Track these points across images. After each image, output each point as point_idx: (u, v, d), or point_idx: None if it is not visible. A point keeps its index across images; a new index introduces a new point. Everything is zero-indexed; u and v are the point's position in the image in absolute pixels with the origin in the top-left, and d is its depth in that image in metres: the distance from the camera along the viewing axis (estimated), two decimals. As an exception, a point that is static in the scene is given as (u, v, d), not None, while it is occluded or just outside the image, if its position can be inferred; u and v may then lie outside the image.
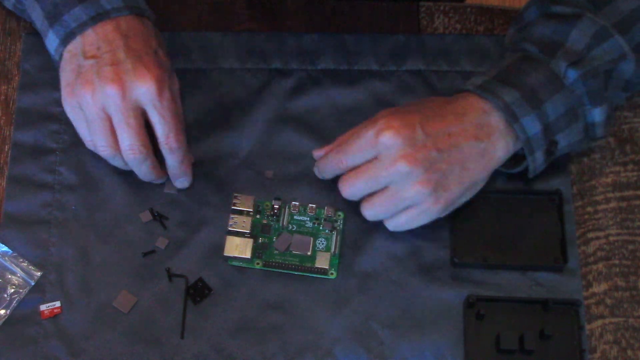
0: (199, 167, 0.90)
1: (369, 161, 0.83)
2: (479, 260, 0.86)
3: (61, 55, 0.85)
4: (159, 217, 0.88)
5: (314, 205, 0.88)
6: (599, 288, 0.87)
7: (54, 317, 0.85)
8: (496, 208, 0.88)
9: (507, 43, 0.92)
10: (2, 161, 0.91)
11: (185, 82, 0.93)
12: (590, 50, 0.84)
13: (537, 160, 0.86)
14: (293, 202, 0.89)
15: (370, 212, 0.84)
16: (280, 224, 0.88)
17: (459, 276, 0.86)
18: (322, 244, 0.87)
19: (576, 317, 0.85)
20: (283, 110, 0.93)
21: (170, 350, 0.84)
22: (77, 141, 0.90)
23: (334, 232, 0.88)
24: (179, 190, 0.89)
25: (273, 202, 0.88)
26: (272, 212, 0.88)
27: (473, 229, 0.88)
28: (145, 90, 0.82)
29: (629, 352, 0.85)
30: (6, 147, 0.91)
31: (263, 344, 0.85)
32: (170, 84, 0.84)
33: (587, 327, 0.86)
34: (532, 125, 0.83)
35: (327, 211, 0.88)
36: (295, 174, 0.90)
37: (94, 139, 0.84)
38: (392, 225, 0.85)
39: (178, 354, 0.84)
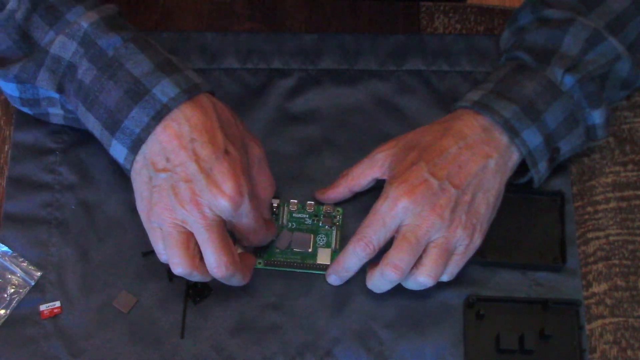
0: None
1: (398, 232, 0.81)
2: (478, 258, 0.86)
3: (132, 164, 0.80)
4: (159, 217, 0.88)
5: (312, 203, 0.89)
6: (599, 288, 0.87)
7: (54, 317, 0.85)
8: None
9: (502, 46, 0.92)
10: (2, 161, 0.90)
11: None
12: (584, 55, 0.84)
13: (540, 171, 0.85)
14: (291, 200, 0.89)
15: (428, 272, 0.81)
16: (280, 222, 0.88)
17: (459, 276, 0.86)
18: (323, 240, 0.88)
19: (576, 317, 0.85)
20: (283, 110, 0.93)
21: (170, 350, 0.84)
22: (77, 141, 0.91)
23: (334, 228, 0.88)
24: None
25: (272, 201, 0.88)
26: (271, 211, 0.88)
27: (473, 229, 0.88)
28: (222, 208, 0.77)
29: (629, 352, 0.85)
30: (6, 147, 0.91)
31: (263, 344, 0.85)
32: (248, 187, 0.79)
33: (587, 327, 0.86)
34: (534, 138, 0.83)
35: (325, 207, 0.88)
36: (295, 174, 0.90)
37: (169, 253, 0.79)
38: (448, 276, 0.83)
39: (178, 354, 0.84)
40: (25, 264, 0.86)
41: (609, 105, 0.87)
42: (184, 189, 0.77)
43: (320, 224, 0.88)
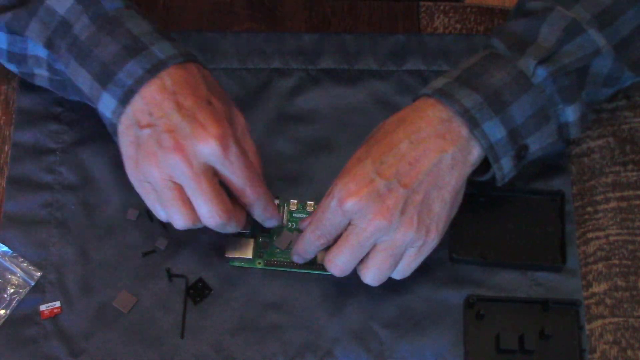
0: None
1: (345, 230, 0.79)
2: (477, 258, 0.86)
3: (119, 119, 0.79)
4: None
5: (312, 202, 0.88)
6: (599, 288, 0.87)
7: (54, 317, 0.85)
8: (498, 207, 0.88)
9: None
10: (2, 161, 0.91)
11: (185, 82, 0.93)
12: (561, 46, 0.80)
13: (504, 168, 0.81)
14: (291, 200, 0.89)
15: (371, 276, 0.80)
16: (280, 223, 0.88)
17: (459, 276, 0.86)
18: (323, 240, 0.88)
19: (576, 317, 0.85)
20: (283, 110, 0.93)
21: (170, 350, 0.84)
22: (77, 141, 0.91)
23: (334, 230, 0.88)
24: None
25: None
26: (271, 212, 0.89)
27: (473, 226, 0.87)
28: (209, 151, 0.76)
29: (629, 352, 0.85)
30: (6, 147, 0.91)
31: (263, 344, 0.85)
32: (234, 133, 0.78)
33: (587, 327, 0.86)
34: (496, 131, 0.79)
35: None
36: (295, 174, 0.90)
37: (168, 211, 0.78)
38: (399, 275, 0.81)
39: (178, 354, 0.84)
40: (25, 264, 0.86)
41: (593, 103, 0.85)
42: (167, 139, 0.76)
43: (320, 224, 0.88)
